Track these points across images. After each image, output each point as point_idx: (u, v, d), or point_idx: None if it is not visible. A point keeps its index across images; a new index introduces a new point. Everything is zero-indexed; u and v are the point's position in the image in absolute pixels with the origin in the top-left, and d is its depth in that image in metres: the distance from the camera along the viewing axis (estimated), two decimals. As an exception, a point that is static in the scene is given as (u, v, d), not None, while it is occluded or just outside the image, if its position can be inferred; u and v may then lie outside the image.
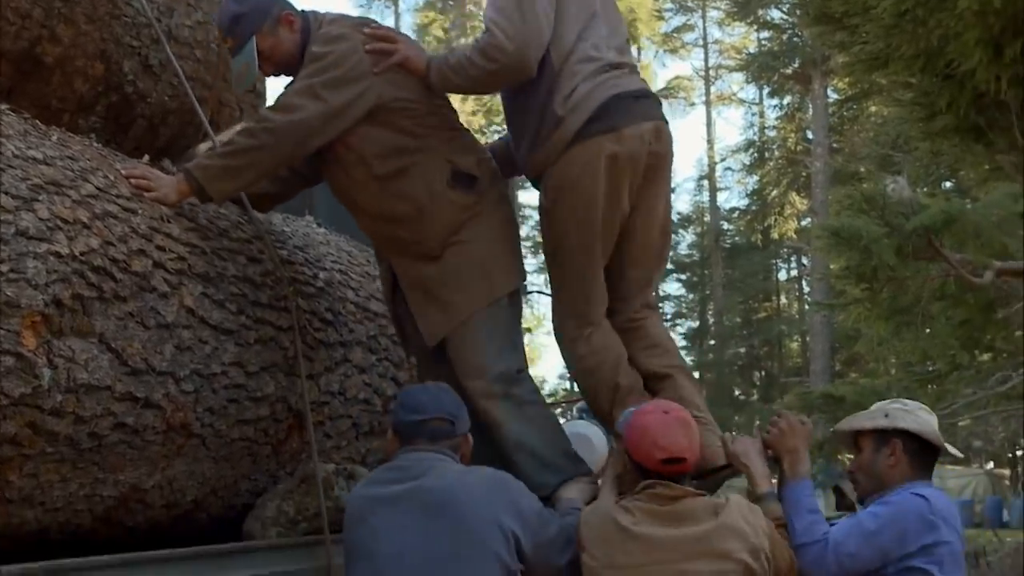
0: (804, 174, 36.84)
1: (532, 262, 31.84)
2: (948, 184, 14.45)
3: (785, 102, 40.10)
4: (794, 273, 48.76)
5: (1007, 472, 33.41)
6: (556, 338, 4.57)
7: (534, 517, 3.60)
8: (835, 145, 32.71)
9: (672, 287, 46.28)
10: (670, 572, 3.47)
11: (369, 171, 4.20)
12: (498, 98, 4.80)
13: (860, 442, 4.06)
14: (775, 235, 43.13)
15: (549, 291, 4.71)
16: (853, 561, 3.72)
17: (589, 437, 6.29)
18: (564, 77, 4.23)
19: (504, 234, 4.46)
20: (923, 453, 3.98)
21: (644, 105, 4.37)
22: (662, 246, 4.61)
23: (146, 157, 4.09)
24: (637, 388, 4.40)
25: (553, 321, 4.54)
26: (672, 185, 4.57)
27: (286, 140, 4.04)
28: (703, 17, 44.75)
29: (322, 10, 4.35)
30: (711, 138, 46.49)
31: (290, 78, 4.25)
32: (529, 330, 34.78)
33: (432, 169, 4.25)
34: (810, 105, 35.11)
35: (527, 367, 4.51)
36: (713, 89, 45.94)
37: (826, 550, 3.70)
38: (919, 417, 4.02)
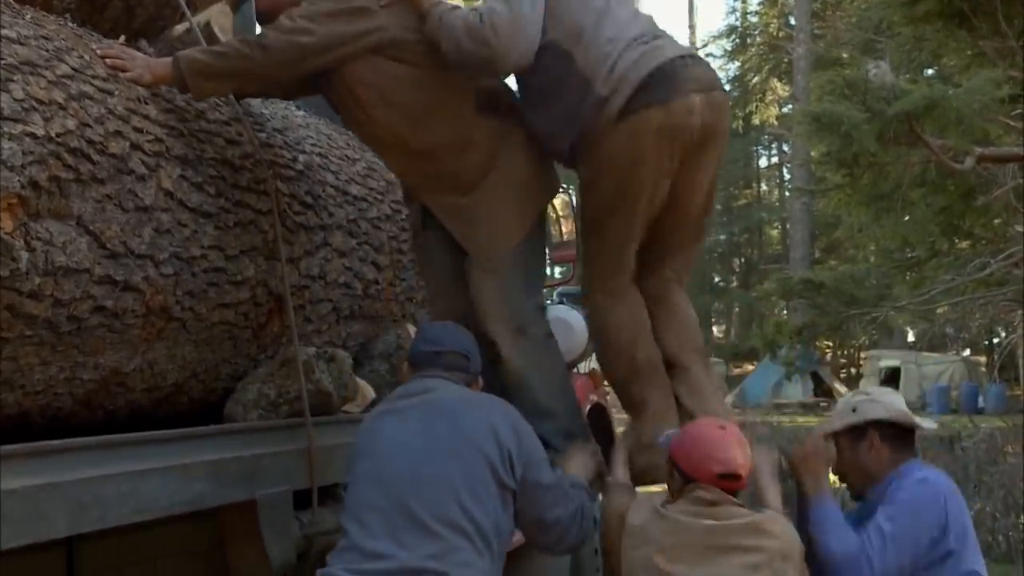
0: (786, 60, 36.75)
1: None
2: (930, 71, 14.37)
3: (768, -13, 39.79)
4: (775, 160, 48.87)
5: (983, 359, 33.73)
6: (584, 299, 4.55)
7: (534, 454, 3.57)
8: (817, 31, 32.52)
9: (653, 174, 46.23)
10: (700, 556, 3.44)
11: (393, 108, 4.13)
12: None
13: (838, 443, 4.07)
14: (756, 122, 43.11)
15: None
16: (889, 568, 3.73)
17: (569, 322, 6.33)
18: (596, 58, 4.07)
19: (534, 147, 4.40)
20: (899, 435, 4.01)
21: (693, 72, 4.14)
22: (701, 217, 4.45)
23: (122, 38, 4.03)
24: (653, 362, 4.36)
25: (583, 285, 4.50)
26: (721, 157, 4.44)
27: (277, 59, 3.96)
28: (686, -101, 44.20)
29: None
30: (692, 23, 46.20)
31: None
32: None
33: (458, 97, 4.19)
34: (793, -10, 34.82)
35: (545, 304, 4.51)
36: (696, -27, 45.50)
37: (862, 570, 3.70)
38: (885, 402, 4.05)
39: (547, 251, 4.66)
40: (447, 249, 4.47)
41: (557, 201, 8.53)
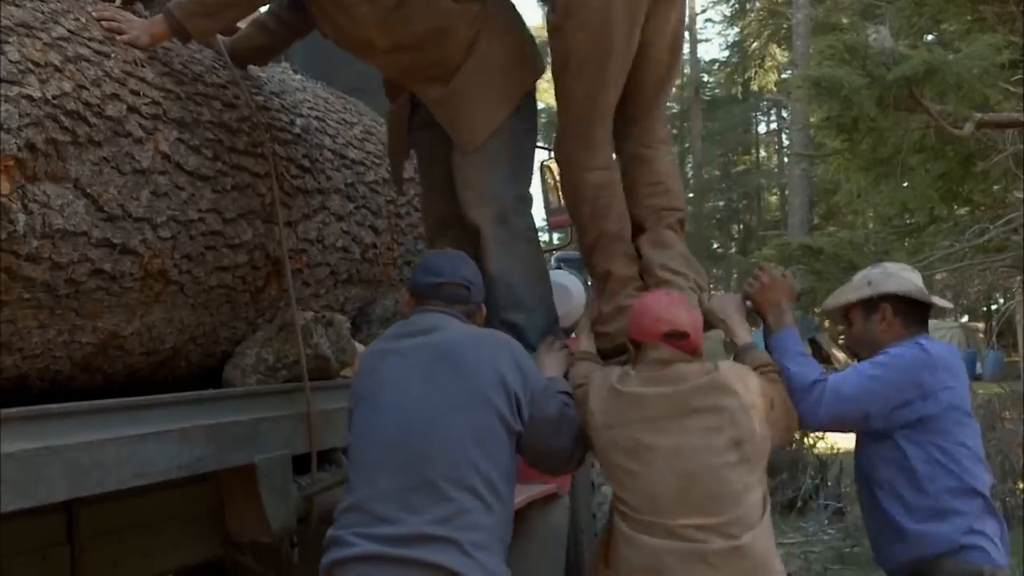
0: (785, 25, 36.52)
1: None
2: (930, 36, 14.33)
3: (767, -49, 39.58)
4: (774, 126, 48.74)
5: (981, 325, 33.71)
6: (557, 161, 4.52)
7: (539, 389, 3.59)
8: (817, -4, 32.35)
9: (651, 140, 46.23)
10: (660, 428, 3.47)
11: (372, 4, 4.10)
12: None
13: (850, 315, 4.09)
14: (755, 87, 42.98)
15: None
16: (849, 405, 3.76)
17: (567, 287, 6.33)
18: None
19: (516, 30, 4.46)
20: (912, 311, 4.01)
21: None
22: (671, 63, 4.47)
23: (118, 0, 4.01)
24: (622, 233, 4.36)
25: (556, 146, 4.47)
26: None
27: None
28: None
29: None
30: (692, -12, 45.92)
31: None
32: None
33: None
34: (793, -45, 34.64)
35: (530, 196, 4.49)
36: (695, -62, 45.29)
37: (823, 393, 3.73)
38: (901, 278, 4.04)
39: (535, 143, 4.64)
40: (445, 155, 4.47)
41: (554, 166, 8.50)
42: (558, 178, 8.31)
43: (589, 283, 7.95)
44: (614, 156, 4.46)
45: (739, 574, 3.34)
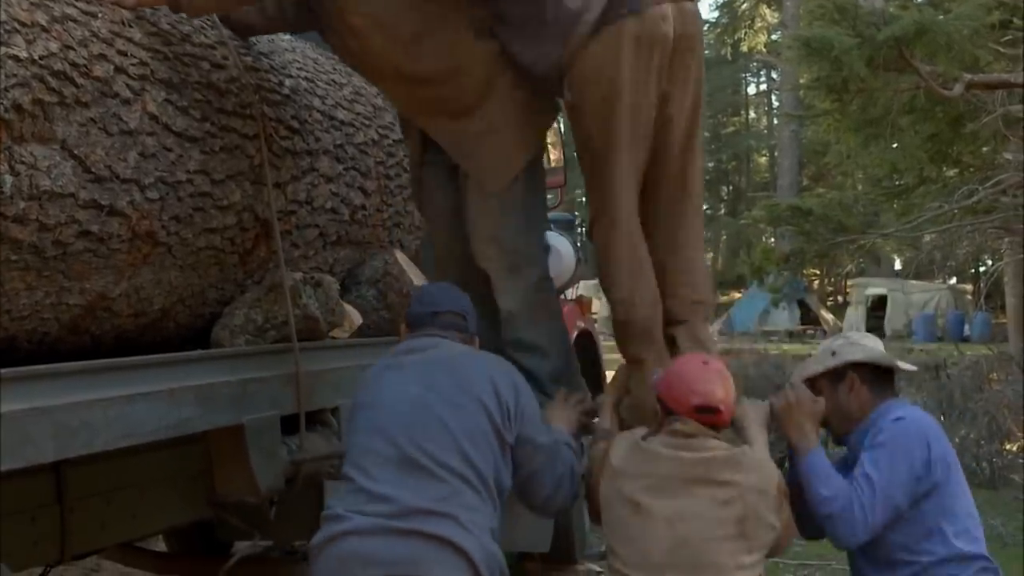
0: (776, -14, 36.47)
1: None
2: (921, -4, 14.32)
3: (758, -90, 39.46)
4: (763, 87, 48.75)
5: (969, 287, 33.86)
6: (589, 235, 4.41)
7: (531, 412, 3.60)
8: (808, -44, 32.24)
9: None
10: (665, 488, 3.46)
11: (388, 35, 4.08)
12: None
13: (818, 386, 4.05)
14: (745, 48, 42.93)
15: None
16: (881, 514, 3.72)
17: (557, 248, 6.32)
18: None
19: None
20: (879, 377, 4.01)
21: None
22: (692, 127, 4.27)
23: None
24: (651, 321, 4.24)
25: (588, 227, 4.37)
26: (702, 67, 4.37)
27: None
28: None
29: None
30: (682, -52, 45.75)
31: None
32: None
33: (453, 22, 4.14)
34: (783, -86, 34.52)
35: (545, 245, 4.46)
36: None
37: (855, 517, 3.70)
38: (865, 346, 4.05)
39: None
40: (447, 186, 4.45)
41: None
42: (548, 140, 8.29)
43: (579, 244, 7.96)
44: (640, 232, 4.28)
45: None
